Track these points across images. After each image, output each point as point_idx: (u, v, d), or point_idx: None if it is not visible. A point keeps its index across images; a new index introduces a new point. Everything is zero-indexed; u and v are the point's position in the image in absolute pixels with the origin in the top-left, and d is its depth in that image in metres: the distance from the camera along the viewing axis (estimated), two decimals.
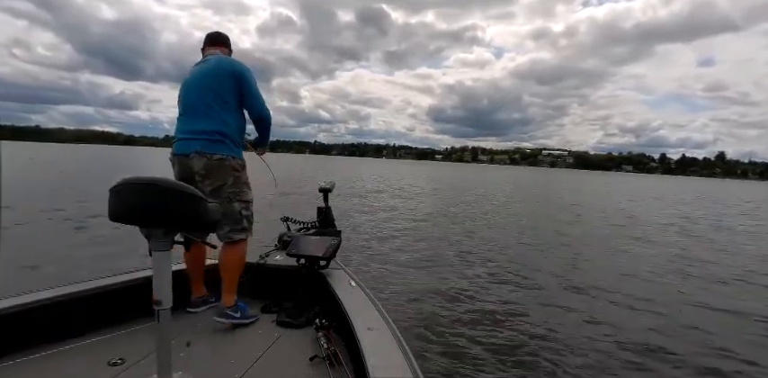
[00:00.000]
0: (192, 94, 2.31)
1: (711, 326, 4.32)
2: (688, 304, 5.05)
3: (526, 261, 6.89)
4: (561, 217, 13.34)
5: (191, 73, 2.37)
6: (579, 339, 3.83)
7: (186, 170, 2.24)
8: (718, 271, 6.91)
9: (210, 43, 2.52)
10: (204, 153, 2.20)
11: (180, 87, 2.38)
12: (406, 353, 1.53)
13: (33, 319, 1.80)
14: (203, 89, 2.29)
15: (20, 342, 1.78)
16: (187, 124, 2.28)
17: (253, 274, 2.55)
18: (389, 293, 4.72)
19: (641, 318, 4.49)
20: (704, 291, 5.69)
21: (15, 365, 1.69)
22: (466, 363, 3.26)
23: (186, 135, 2.26)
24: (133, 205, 1.32)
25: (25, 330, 1.80)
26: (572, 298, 5.09)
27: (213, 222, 1.45)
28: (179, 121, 2.33)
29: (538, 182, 44.57)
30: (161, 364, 1.37)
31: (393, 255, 6.80)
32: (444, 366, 3.18)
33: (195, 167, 2.21)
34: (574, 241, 9.03)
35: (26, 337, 1.80)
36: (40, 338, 1.74)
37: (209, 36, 2.53)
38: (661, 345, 3.79)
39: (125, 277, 2.19)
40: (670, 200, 25.43)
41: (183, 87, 2.35)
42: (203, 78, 2.31)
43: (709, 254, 8.41)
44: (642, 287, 5.69)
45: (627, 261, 7.36)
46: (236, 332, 2.16)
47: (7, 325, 1.71)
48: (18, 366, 1.69)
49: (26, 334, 1.80)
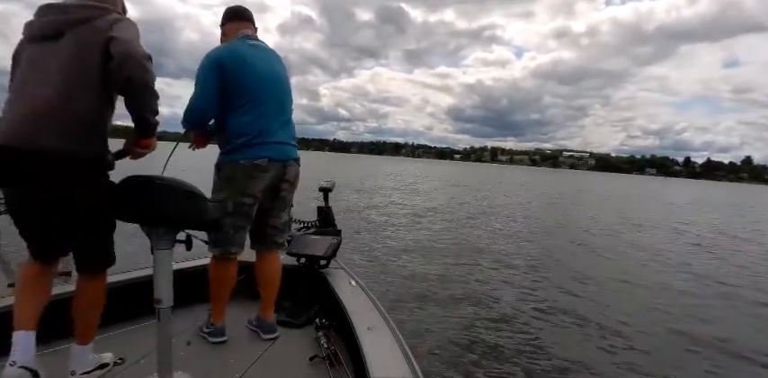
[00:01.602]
0: (282, 86, 2.04)
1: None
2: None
3: (540, 263, 6.80)
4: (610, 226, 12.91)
5: (255, 57, 1.95)
6: (580, 340, 3.80)
7: (280, 177, 2.01)
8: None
9: (244, 18, 2.07)
10: (297, 160, 2.07)
11: (240, 72, 1.89)
12: (406, 353, 1.53)
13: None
14: (286, 81, 2.06)
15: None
16: (283, 126, 2.02)
17: (252, 273, 2.57)
18: (389, 293, 4.71)
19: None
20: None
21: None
22: (466, 363, 3.25)
23: (288, 140, 2.03)
24: (134, 203, 1.32)
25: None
26: (580, 300, 5.01)
27: (213, 222, 1.45)
28: (266, 119, 1.94)
29: (563, 185, 42.91)
30: (161, 364, 1.36)
31: (393, 254, 6.76)
32: (444, 366, 3.17)
33: (288, 175, 2.03)
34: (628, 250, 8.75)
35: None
36: (39, 337, 1.69)
37: (237, 10, 2.07)
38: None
39: (125, 276, 2.16)
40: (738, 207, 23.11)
41: (260, 76, 1.94)
42: (281, 67, 2.06)
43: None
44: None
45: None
46: (236, 332, 2.14)
47: (7, 324, 1.68)
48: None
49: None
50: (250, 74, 1.91)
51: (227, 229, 1.90)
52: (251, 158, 1.90)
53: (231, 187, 1.90)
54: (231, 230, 1.91)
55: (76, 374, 1.61)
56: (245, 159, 1.89)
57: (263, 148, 1.92)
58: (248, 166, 1.89)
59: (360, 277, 2.38)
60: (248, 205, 1.93)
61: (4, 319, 1.53)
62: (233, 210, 1.89)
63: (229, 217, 1.89)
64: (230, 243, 1.93)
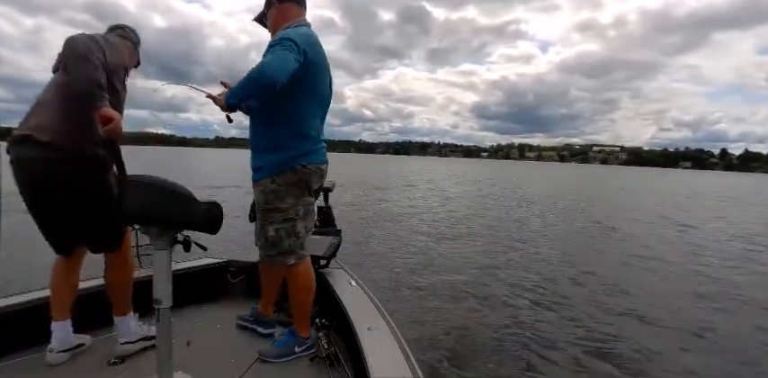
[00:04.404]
0: (329, 87, 1.89)
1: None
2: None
3: (553, 265, 6.53)
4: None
5: (320, 55, 1.74)
6: (581, 342, 3.70)
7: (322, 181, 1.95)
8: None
9: (305, 4, 1.85)
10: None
11: (309, 72, 1.68)
12: (406, 353, 1.52)
13: (33, 318, 1.79)
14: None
15: (20, 342, 1.79)
16: (322, 127, 1.90)
17: (252, 273, 2.56)
18: (389, 293, 4.68)
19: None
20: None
21: (15, 365, 1.71)
22: (466, 363, 3.22)
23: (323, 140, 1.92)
24: (129, 205, 1.34)
25: (25, 330, 1.80)
26: (588, 302, 4.80)
27: (206, 223, 1.44)
28: (316, 122, 1.83)
29: (614, 180, 39.80)
30: (161, 364, 1.36)
31: (394, 254, 6.69)
32: (444, 366, 3.14)
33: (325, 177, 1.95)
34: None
35: (26, 336, 1.80)
36: (39, 338, 1.74)
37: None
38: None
39: None
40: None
41: (324, 76, 1.79)
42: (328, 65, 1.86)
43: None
44: None
45: None
46: (236, 332, 2.16)
47: (7, 324, 1.73)
48: (18, 366, 1.70)
49: (26, 333, 1.80)
50: (325, 70, 1.79)
51: (302, 233, 1.85)
52: (317, 163, 1.82)
53: (297, 192, 1.80)
54: (303, 234, 1.87)
55: (120, 343, 1.81)
56: (312, 163, 1.80)
57: (323, 152, 1.86)
58: (314, 170, 1.81)
59: (360, 277, 2.37)
60: (312, 205, 1.91)
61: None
62: (303, 214, 1.84)
63: (301, 221, 1.83)
64: (303, 247, 1.88)
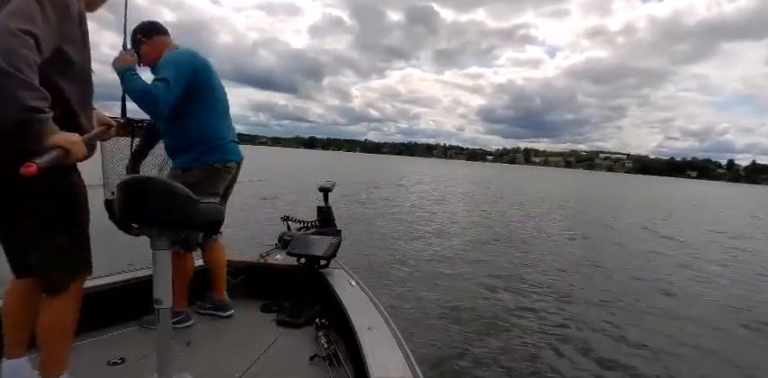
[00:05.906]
0: (224, 94, 2.20)
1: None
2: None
3: (542, 267, 6.52)
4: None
5: (213, 69, 2.12)
6: (582, 342, 3.73)
7: (234, 177, 2.17)
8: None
9: (167, 32, 2.15)
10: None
11: (212, 82, 2.06)
12: (406, 353, 1.51)
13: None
14: None
15: None
16: (230, 127, 2.16)
17: (252, 273, 2.55)
18: (389, 293, 4.67)
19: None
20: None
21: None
22: (465, 363, 3.22)
23: (235, 139, 2.16)
24: (127, 205, 1.33)
25: None
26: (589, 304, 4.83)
27: (207, 223, 1.42)
28: (224, 122, 2.11)
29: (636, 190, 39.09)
30: (161, 364, 1.34)
31: (394, 254, 6.70)
32: (444, 366, 3.15)
33: (237, 175, 2.18)
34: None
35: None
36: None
37: (160, 25, 2.12)
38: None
39: (125, 276, 2.17)
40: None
41: (219, 85, 2.11)
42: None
43: None
44: None
45: None
46: (236, 332, 2.15)
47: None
48: None
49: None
50: (216, 78, 2.06)
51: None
52: (223, 161, 2.04)
53: (202, 190, 1.87)
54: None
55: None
56: (218, 162, 2.02)
57: (231, 150, 2.07)
58: (220, 168, 2.03)
59: (360, 277, 2.37)
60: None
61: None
62: None
63: None
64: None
